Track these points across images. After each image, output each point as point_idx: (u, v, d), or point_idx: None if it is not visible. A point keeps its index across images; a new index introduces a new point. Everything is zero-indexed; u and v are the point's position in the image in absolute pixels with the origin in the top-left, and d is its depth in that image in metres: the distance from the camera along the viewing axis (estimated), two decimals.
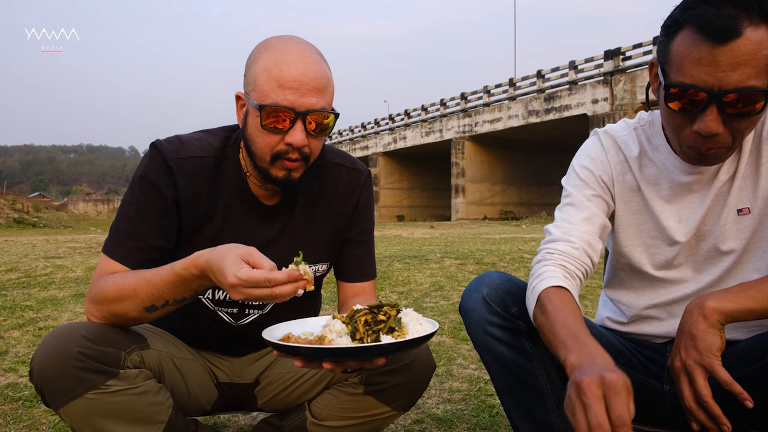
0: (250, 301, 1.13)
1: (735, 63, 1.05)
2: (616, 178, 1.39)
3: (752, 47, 1.04)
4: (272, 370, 1.55)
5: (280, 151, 1.26)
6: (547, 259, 1.29)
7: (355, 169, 1.52)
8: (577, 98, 23.64)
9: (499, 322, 1.32)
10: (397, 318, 1.14)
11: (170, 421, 1.29)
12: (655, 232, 1.38)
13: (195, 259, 1.17)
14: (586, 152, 1.43)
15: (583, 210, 1.35)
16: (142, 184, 1.31)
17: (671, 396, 1.41)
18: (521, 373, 1.32)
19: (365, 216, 1.53)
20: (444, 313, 4.18)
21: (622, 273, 1.47)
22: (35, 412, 2.22)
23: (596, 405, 0.88)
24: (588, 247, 1.31)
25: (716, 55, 1.06)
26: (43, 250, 8.67)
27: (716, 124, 1.11)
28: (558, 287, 1.21)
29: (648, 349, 1.44)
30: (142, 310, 1.22)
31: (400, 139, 35.35)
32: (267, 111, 1.23)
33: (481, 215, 29.98)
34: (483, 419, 2.18)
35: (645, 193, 1.37)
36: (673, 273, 1.38)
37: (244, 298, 1.08)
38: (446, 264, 6.57)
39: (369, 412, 1.43)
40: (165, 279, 1.19)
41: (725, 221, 1.30)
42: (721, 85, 1.07)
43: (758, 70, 1.06)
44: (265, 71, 1.24)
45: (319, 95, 1.25)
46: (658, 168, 1.36)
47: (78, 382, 1.16)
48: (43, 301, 4.57)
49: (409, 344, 1.09)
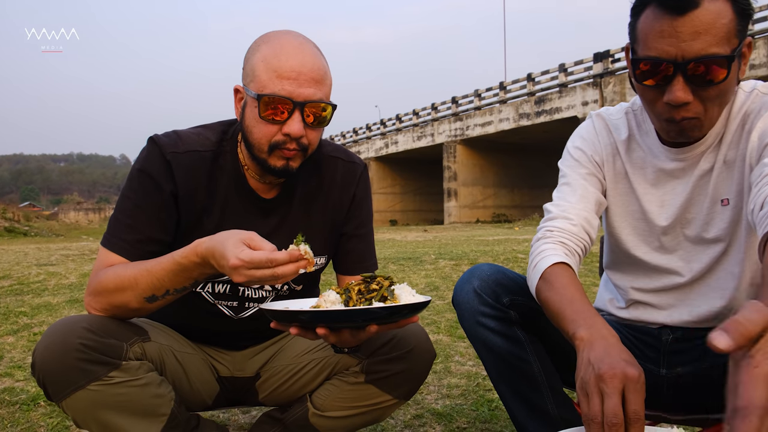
0: (252, 285, 1.13)
1: (695, 32, 1.10)
2: (606, 159, 1.42)
3: (711, 17, 1.09)
4: (273, 362, 1.55)
5: (277, 141, 1.27)
6: (547, 237, 1.32)
7: (352, 162, 1.53)
8: (568, 101, 23.78)
9: (491, 313, 1.34)
10: (390, 289, 1.16)
11: (172, 414, 1.29)
12: (639, 215, 1.41)
13: (195, 247, 1.17)
14: (580, 134, 1.47)
15: (579, 188, 1.39)
16: (141, 177, 1.32)
17: (668, 379, 1.43)
18: (515, 361, 1.33)
19: (362, 208, 1.54)
20: (440, 312, 4.19)
21: (615, 255, 1.50)
22: (32, 415, 2.21)
23: (616, 397, 0.90)
24: (586, 224, 1.34)
25: (677, 26, 1.10)
26: (36, 257, 8.62)
27: (684, 93, 1.14)
28: (562, 263, 1.23)
29: (644, 334, 1.46)
30: (142, 300, 1.22)
31: (392, 143, 35.41)
32: (265, 101, 1.23)
33: (474, 218, 30.05)
34: (482, 413, 2.19)
35: (631, 177, 1.40)
36: (661, 259, 1.39)
37: (246, 280, 1.08)
38: (441, 265, 6.59)
39: (370, 401, 1.44)
40: (166, 268, 1.20)
41: (709, 211, 1.32)
42: (684, 54, 1.11)
43: (719, 38, 1.10)
44: (264, 62, 1.25)
45: (317, 86, 1.26)
46: (644, 152, 1.39)
47: (80, 373, 1.16)
48: (37, 307, 4.55)
49: (400, 310, 1.10)
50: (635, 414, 0.89)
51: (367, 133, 39.10)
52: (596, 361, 0.95)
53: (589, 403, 0.92)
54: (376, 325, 1.12)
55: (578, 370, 0.98)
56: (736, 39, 1.13)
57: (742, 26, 1.13)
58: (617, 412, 0.89)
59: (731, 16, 1.11)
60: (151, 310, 1.26)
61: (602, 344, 0.99)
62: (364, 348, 1.42)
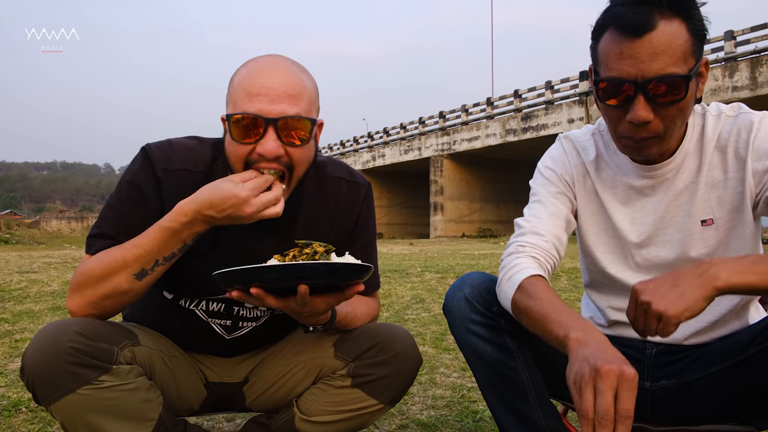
0: (260, 210, 1.19)
1: (653, 53, 1.14)
2: (576, 179, 1.46)
3: (667, 38, 1.13)
4: (262, 367, 1.55)
5: (250, 161, 1.24)
6: (519, 252, 1.34)
7: (355, 182, 1.51)
8: (554, 117, 24.03)
9: (482, 321, 1.35)
10: (325, 255, 1.16)
11: (160, 419, 1.29)
12: (612, 232, 1.43)
13: (181, 208, 1.20)
14: (550, 155, 1.51)
15: (550, 206, 1.42)
16: (130, 189, 1.32)
17: (652, 392, 1.45)
18: (504, 369, 1.34)
19: (366, 229, 1.53)
20: (426, 324, 4.20)
21: (592, 274, 1.52)
22: (14, 421, 2.19)
23: (609, 394, 0.92)
24: (556, 241, 1.37)
25: (635, 48, 1.15)
26: (17, 265, 8.49)
27: (645, 112, 1.18)
28: (539, 275, 1.25)
29: (628, 347, 1.48)
30: (132, 278, 1.21)
31: (379, 156, 35.50)
32: (233, 120, 1.21)
33: (460, 233, 30.12)
34: (467, 424, 2.20)
35: (601, 196, 1.43)
36: (636, 277, 1.40)
37: (256, 210, 1.17)
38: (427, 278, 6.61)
39: (356, 405, 1.44)
40: (153, 237, 1.21)
41: (690, 231, 1.34)
42: (643, 74, 1.15)
43: (675, 59, 1.14)
44: (239, 85, 1.23)
45: (292, 101, 1.21)
46: (613, 171, 1.42)
47: (70, 377, 1.15)
48: (18, 314, 4.49)
49: (327, 268, 1.09)
50: (626, 412, 0.91)
51: (354, 146, 39.18)
52: (592, 357, 0.97)
53: (582, 397, 0.94)
54: (305, 286, 1.11)
55: (571, 365, 1.00)
56: (692, 59, 1.17)
57: (697, 46, 1.18)
58: (609, 409, 0.91)
59: (686, 36, 1.15)
60: (140, 292, 1.24)
61: (597, 344, 1.01)
62: (349, 350, 1.43)
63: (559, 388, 1.43)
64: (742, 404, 1.31)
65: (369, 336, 1.43)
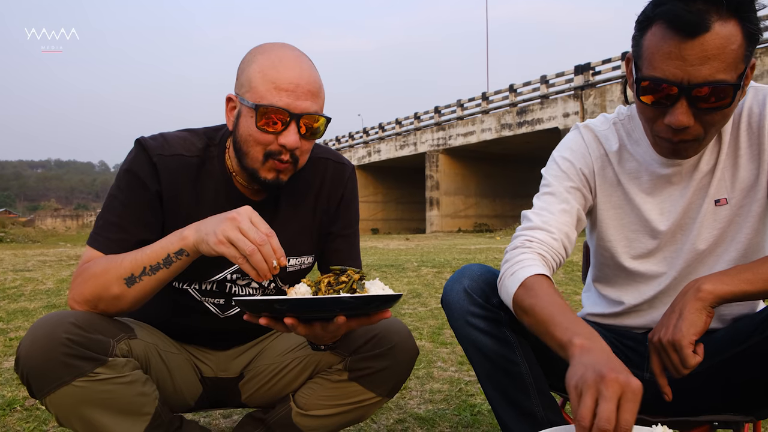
0: (233, 247, 1.13)
1: (704, 57, 1.07)
2: (597, 172, 1.41)
3: (720, 42, 1.06)
4: (256, 362, 1.54)
5: (272, 151, 1.29)
6: (526, 247, 1.30)
7: (341, 163, 1.55)
8: (549, 112, 24.03)
9: (481, 313, 1.33)
10: (360, 282, 1.16)
11: (156, 413, 1.28)
12: (637, 225, 1.40)
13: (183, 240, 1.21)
14: (568, 145, 1.44)
15: (563, 201, 1.37)
16: (128, 177, 1.33)
17: (652, 384, 1.43)
18: (503, 362, 1.33)
19: (350, 209, 1.55)
20: (422, 318, 4.19)
21: (606, 269, 1.49)
22: (8, 420, 2.17)
23: (613, 402, 0.88)
24: (565, 239, 1.33)
25: (685, 49, 1.07)
26: (12, 263, 8.46)
27: (686, 117, 1.13)
28: (544, 275, 1.22)
29: (628, 339, 1.47)
30: (122, 282, 1.21)
31: (375, 152, 35.47)
32: (262, 111, 1.25)
33: (456, 228, 30.15)
34: (465, 417, 2.19)
35: (626, 187, 1.39)
36: (651, 266, 1.40)
37: (233, 236, 1.12)
38: (423, 272, 6.60)
39: (354, 399, 1.44)
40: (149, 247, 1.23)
41: (704, 212, 1.32)
42: (690, 78, 1.09)
43: (726, 64, 1.07)
44: (261, 73, 1.26)
45: (313, 99, 1.28)
46: (638, 161, 1.38)
47: (66, 368, 1.14)
48: (13, 312, 4.46)
49: (369, 300, 1.09)
50: (627, 423, 0.87)
51: (349, 142, 39.14)
52: (598, 364, 0.94)
53: (581, 402, 0.90)
54: (344, 317, 1.11)
55: (574, 370, 0.97)
56: (742, 63, 1.10)
57: (749, 51, 1.11)
58: (611, 417, 0.87)
59: (740, 41, 1.08)
60: (131, 301, 1.23)
61: (602, 352, 0.99)
62: (345, 345, 1.42)
63: (558, 380, 1.42)
64: (743, 394, 1.30)
65: (365, 329, 1.41)
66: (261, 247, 1.11)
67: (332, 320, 1.13)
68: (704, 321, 1.12)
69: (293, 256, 1.47)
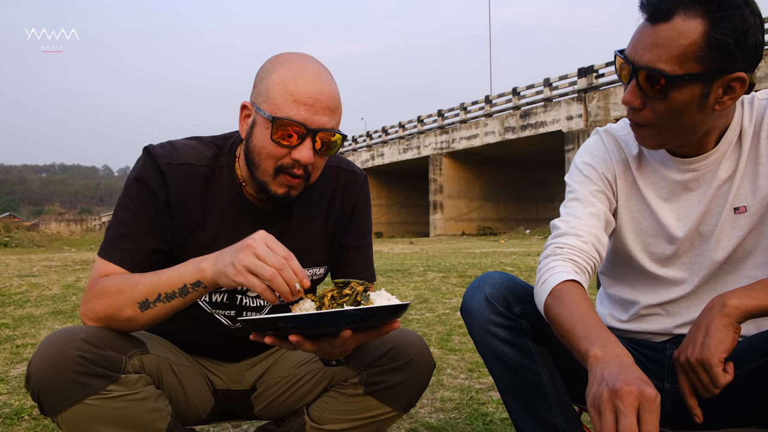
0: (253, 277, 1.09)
1: (653, 44, 1.14)
2: (618, 176, 1.41)
3: (672, 33, 1.12)
4: (269, 374, 1.52)
5: (284, 165, 1.26)
6: (556, 254, 1.29)
7: (353, 172, 1.52)
8: (552, 115, 24.00)
9: (502, 322, 1.31)
10: (364, 294, 1.14)
11: (169, 429, 1.25)
12: (654, 230, 1.39)
13: (198, 265, 1.17)
14: (589, 150, 1.45)
15: (589, 205, 1.36)
16: (137, 186, 1.30)
17: (672, 394, 1.41)
18: (524, 373, 1.31)
19: (362, 219, 1.52)
20: (430, 324, 4.16)
21: (622, 270, 1.48)
22: (16, 429, 2.15)
23: (631, 415, 0.88)
24: (596, 241, 1.32)
25: (643, 33, 1.16)
26: (17, 268, 8.46)
27: (632, 96, 1.21)
28: (573, 281, 1.21)
29: (648, 348, 1.45)
30: (136, 306, 1.18)
31: (378, 156, 35.48)
32: (279, 124, 1.22)
33: (459, 231, 30.11)
34: (477, 427, 2.16)
35: (644, 192, 1.39)
36: (672, 272, 1.39)
37: (251, 264, 1.08)
38: (429, 277, 6.58)
39: (370, 413, 1.41)
40: (165, 273, 1.20)
41: (723, 220, 1.31)
42: (637, 60, 1.17)
43: (670, 56, 1.13)
44: (281, 84, 1.23)
45: (331, 115, 1.26)
46: (655, 167, 1.38)
47: (78, 386, 1.11)
48: (19, 318, 4.45)
49: (373, 312, 1.07)
50: None
51: (353, 145, 39.15)
52: (611, 378, 0.93)
53: (602, 420, 0.90)
54: (350, 330, 1.09)
55: (590, 386, 0.96)
56: (696, 65, 1.12)
57: (709, 56, 1.11)
58: (633, 431, 0.86)
59: (696, 40, 1.10)
60: (143, 325, 1.22)
61: (617, 362, 0.97)
62: (361, 359, 1.40)
63: (579, 392, 1.40)
64: (764, 406, 1.27)
65: (381, 342, 1.39)
66: (281, 271, 1.07)
67: (339, 335, 1.10)
68: (732, 338, 1.10)
69: (306, 267, 1.44)
